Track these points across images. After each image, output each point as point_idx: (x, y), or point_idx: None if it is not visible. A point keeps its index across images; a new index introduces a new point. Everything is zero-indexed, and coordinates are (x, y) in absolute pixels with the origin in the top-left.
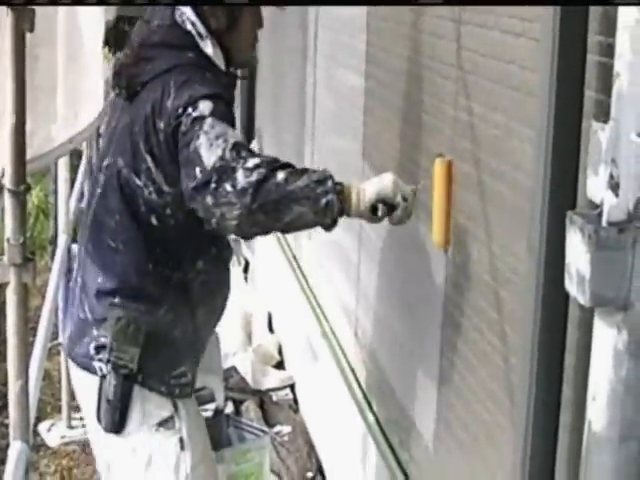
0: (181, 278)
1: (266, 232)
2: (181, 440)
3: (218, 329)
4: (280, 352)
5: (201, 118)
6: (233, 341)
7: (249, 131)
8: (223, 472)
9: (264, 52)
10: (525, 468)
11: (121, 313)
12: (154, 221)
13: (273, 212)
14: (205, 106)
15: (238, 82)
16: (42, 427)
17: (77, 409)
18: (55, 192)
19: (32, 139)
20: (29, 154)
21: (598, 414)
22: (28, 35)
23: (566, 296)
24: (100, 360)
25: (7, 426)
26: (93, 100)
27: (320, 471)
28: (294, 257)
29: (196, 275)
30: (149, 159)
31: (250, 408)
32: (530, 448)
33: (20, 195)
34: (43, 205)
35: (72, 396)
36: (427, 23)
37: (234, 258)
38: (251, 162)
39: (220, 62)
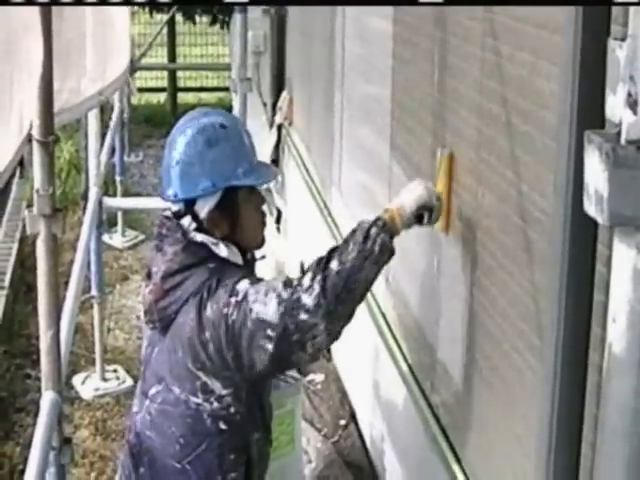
0: (248, 466)
1: (353, 313)
2: None
3: None
4: None
5: (244, 296)
6: None
7: (279, 81)
8: None
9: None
10: (554, 408)
11: None
12: (223, 426)
13: (349, 296)
14: (242, 285)
15: (268, 31)
16: (76, 380)
17: (110, 362)
18: (86, 147)
19: (61, 92)
20: (58, 107)
21: (618, 335)
22: None
23: (595, 234)
24: None
25: (40, 379)
26: (120, 54)
27: (353, 418)
28: (325, 205)
29: (260, 447)
30: (202, 374)
31: None
32: (559, 388)
33: (49, 145)
34: (75, 160)
35: (106, 349)
36: None
37: (266, 208)
38: (306, 279)
39: (237, 259)
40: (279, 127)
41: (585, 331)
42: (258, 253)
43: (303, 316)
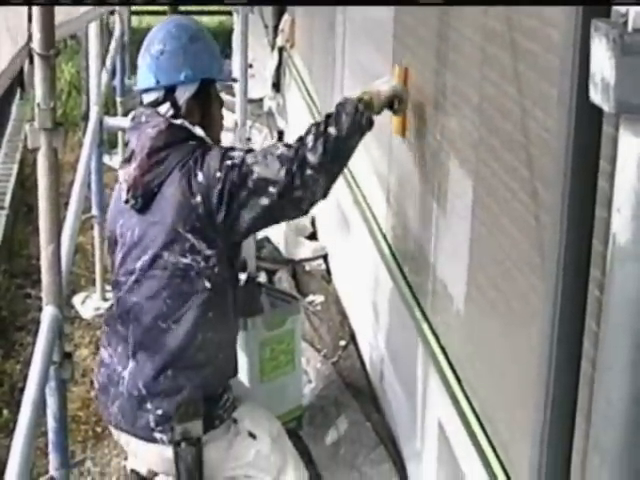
0: (222, 333)
1: (341, 173)
2: (250, 433)
3: None
4: (313, 223)
5: (241, 160)
6: None
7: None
8: (255, 338)
9: None
10: (555, 325)
11: (179, 398)
12: (207, 284)
13: (343, 158)
14: (237, 153)
15: None
16: (76, 299)
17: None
18: (87, 68)
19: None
20: (58, 19)
21: (623, 226)
22: None
23: (597, 150)
24: (161, 431)
25: (41, 299)
26: None
27: (353, 339)
28: None
29: (231, 324)
30: (190, 236)
31: (283, 278)
32: (560, 305)
33: (50, 59)
34: (75, 81)
35: (106, 269)
36: None
37: (268, 131)
38: (309, 140)
39: (209, 141)
40: (280, 49)
41: (587, 248)
42: None
43: (309, 171)
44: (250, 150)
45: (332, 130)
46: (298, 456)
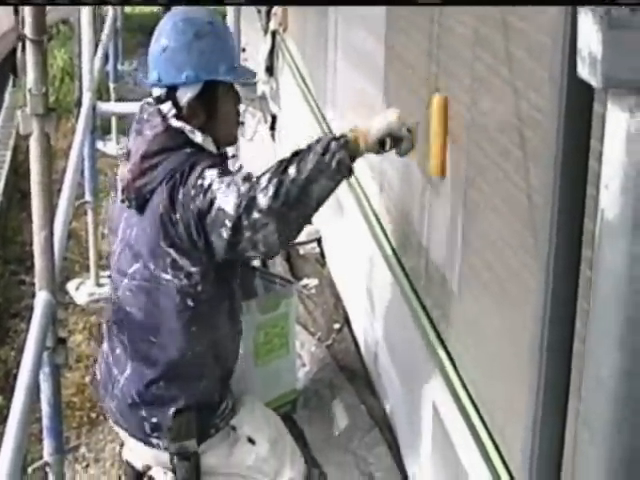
0: (214, 345)
1: (305, 221)
2: (249, 439)
3: None
4: None
5: (209, 185)
6: None
7: None
8: (249, 322)
9: None
10: (548, 303)
11: (173, 408)
12: (190, 303)
13: (301, 205)
14: (210, 172)
15: None
16: (70, 285)
17: (105, 268)
18: (79, 55)
19: None
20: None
21: (611, 202)
22: None
23: (588, 130)
24: (157, 437)
25: (35, 285)
26: None
27: (347, 322)
28: (319, 110)
29: (226, 334)
30: (172, 251)
31: (277, 261)
32: (553, 282)
33: (41, 44)
34: (68, 67)
35: (100, 255)
36: None
37: (261, 115)
38: (263, 180)
39: (211, 147)
40: (273, 33)
41: (579, 227)
42: (230, 151)
43: (256, 215)
44: (225, 173)
45: (291, 171)
46: (297, 451)
